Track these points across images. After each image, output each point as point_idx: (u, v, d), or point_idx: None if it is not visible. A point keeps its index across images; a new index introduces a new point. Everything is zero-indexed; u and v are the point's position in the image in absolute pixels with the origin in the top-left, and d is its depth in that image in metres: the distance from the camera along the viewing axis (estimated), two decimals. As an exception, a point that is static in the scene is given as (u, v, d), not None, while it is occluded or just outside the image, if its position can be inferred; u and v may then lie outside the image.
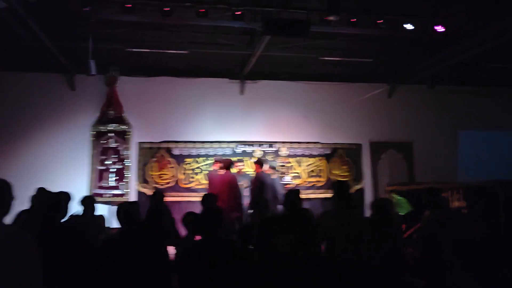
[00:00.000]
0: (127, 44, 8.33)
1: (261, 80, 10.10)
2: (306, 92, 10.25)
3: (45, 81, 9.39)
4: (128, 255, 3.29)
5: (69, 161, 9.11)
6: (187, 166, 9.55)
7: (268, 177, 7.92)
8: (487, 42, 7.64)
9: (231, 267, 3.31)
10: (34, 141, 9.21)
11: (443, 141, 10.55)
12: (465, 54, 8.22)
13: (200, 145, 9.66)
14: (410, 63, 9.39)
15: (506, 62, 9.19)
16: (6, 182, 2.58)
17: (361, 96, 10.14)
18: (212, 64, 9.56)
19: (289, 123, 10.17)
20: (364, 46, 8.70)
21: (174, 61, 9.31)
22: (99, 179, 9.16)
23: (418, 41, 8.12)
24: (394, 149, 10.52)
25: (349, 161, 10.19)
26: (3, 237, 2.39)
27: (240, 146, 9.80)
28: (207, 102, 9.91)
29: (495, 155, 10.18)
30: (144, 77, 9.72)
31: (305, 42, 8.05)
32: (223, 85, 10.01)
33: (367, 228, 4.85)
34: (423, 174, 9.86)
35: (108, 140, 9.34)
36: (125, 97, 9.47)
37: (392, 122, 10.49)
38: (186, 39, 8.26)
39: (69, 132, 9.29)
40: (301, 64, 9.48)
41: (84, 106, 9.42)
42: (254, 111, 10.03)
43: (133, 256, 3.29)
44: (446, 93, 10.51)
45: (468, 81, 10.48)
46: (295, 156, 10.01)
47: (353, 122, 10.38)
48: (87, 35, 7.57)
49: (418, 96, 10.51)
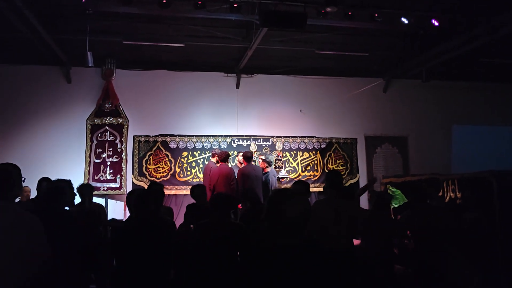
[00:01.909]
0: (124, 36, 8.33)
1: (257, 74, 10.14)
2: (302, 86, 10.29)
3: (41, 74, 9.37)
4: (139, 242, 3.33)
5: (65, 154, 9.10)
6: (183, 159, 9.57)
7: (254, 170, 8.01)
8: (482, 37, 7.70)
9: (237, 247, 3.53)
10: (30, 134, 9.19)
11: (437, 135, 10.66)
12: (460, 48, 8.29)
13: (196, 138, 9.67)
14: (406, 57, 9.45)
15: (501, 57, 9.28)
16: (14, 165, 2.65)
17: (357, 90, 10.20)
18: (209, 58, 9.58)
19: (285, 117, 10.22)
20: (360, 40, 8.75)
21: (170, 55, 9.31)
22: (95, 172, 9.15)
23: (414, 36, 8.18)
24: (389, 143, 10.61)
25: (344, 155, 10.24)
26: (13, 218, 2.44)
27: (235, 140, 9.82)
28: (203, 96, 9.94)
29: (489, 149, 10.28)
30: (140, 70, 9.73)
31: (301, 36, 8.08)
32: (219, 79, 10.04)
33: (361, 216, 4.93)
34: (418, 167, 9.94)
35: (104, 133, 9.33)
36: (121, 90, 9.47)
37: (387, 116, 10.58)
38: (183, 32, 8.27)
39: (65, 125, 9.28)
40: (297, 58, 9.52)
41: (80, 99, 9.41)
42: (250, 105, 10.07)
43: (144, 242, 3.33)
44: (440, 88, 10.61)
45: (463, 76, 10.57)
46: (291, 150, 10.05)
47: (348, 116, 10.45)
48: (84, 27, 7.54)
49: (413, 91, 10.60)
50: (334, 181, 4.67)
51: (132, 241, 3.31)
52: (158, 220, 3.58)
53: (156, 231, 3.44)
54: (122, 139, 9.37)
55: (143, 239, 3.32)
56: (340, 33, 8.21)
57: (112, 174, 9.21)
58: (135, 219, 3.51)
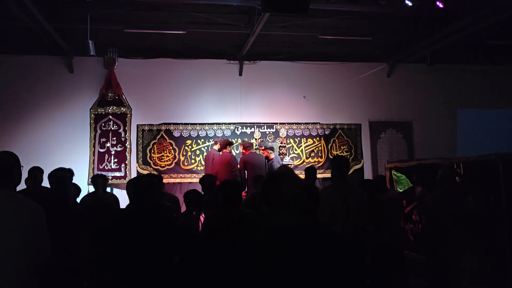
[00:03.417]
0: (125, 25, 8.27)
1: (260, 60, 10.07)
2: (305, 72, 10.22)
3: (43, 64, 9.35)
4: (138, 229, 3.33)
5: (69, 144, 9.12)
6: (187, 148, 9.57)
7: (257, 157, 8.15)
8: (488, 18, 7.58)
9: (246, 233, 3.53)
10: (33, 124, 9.20)
11: (442, 119, 10.57)
12: (465, 31, 8.17)
13: (200, 126, 9.66)
14: (410, 41, 9.34)
15: (506, 39, 9.15)
16: (12, 153, 2.64)
17: (360, 75, 10.11)
18: (211, 45, 9.52)
19: (288, 104, 10.16)
20: (364, 24, 8.67)
21: (172, 43, 9.26)
22: (99, 161, 9.17)
23: (418, 18, 8.08)
24: (393, 129, 10.54)
25: (348, 141, 10.20)
26: (15, 206, 2.45)
27: (239, 128, 9.80)
28: (206, 84, 9.89)
29: (494, 133, 10.19)
30: (142, 58, 9.69)
31: (304, 21, 8.01)
32: (221, 66, 9.98)
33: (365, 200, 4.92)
34: (423, 152, 9.87)
35: (108, 123, 9.33)
36: (123, 79, 9.44)
37: (391, 101, 10.50)
38: (184, 19, 8.21)
39: (69, 114, 9.28)
40: (300, 43, 9.43)
41: (82, 89, 9.39)
42: (253, 92, 10.01)
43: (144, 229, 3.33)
44: (445, 72, 10.50)
45: (468, 59, 10.45)
46: (295, 136, 10.02)
47: (352, 102, 10.38)
48: (85, 16, 7.50)
49: (418, 75, 10.50)
50: (340, 166, 4.65)
51: (132, 228, 3.32)
52: (157, 206, 3.58)
53: (156, 217, 3.45)
54: (125, 128, 9.37)
55: (143, 225, 3.33)
56: (344, 17, 8.12)
57: (116, 163, 9.23)
58: (134, 206, 3.51)
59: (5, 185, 2.53)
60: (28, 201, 2.56)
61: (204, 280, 3.39)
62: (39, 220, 2.50)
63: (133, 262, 3.28)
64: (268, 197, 1.79)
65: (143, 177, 4.21)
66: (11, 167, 2.57)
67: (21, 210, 2.46)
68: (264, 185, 1.85)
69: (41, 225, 2.51)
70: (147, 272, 3.21)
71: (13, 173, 2.57)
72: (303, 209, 1.78)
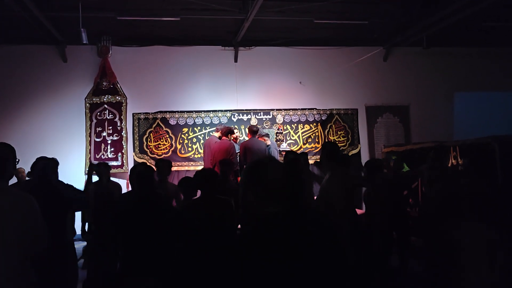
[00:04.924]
0: (118, 12, 8.15)
1: (255, 46, 9.99)
2: (301, 58, 10.15)
3: (36, 53, 9.26)
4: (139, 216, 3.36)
5: (65, 134, 9.07)
6: (184, 135, 9.54)
7: (257, 144, 8.10)
8: (484, 0, 7.51)
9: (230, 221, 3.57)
10: (28, 115, 9.14)
11: (439, 103, 10.55)
12: (461, 12, 8.08)
13: (196, 114, 9.62)
14: (406, 24, 9.25)
15: (503, 21, 9.08)
16: (8, 145, 2.61)
17: (357, 60, 10.05)
18: (205, 32, 9.42)
19: (285, 90, 10.11)
20: (359, 8, 8.56)
21: (166, 30, 9.16)
22: (96, 151, 9.14)
23: (414, 1, 7.99)
24: (390, 113, 10.53)
25: (345, 126, 10.20)
26: (9, 198, 2.43)
27: (236, 115, 9.76)
28: (201, 71, 9.82)
29: (491, 116, 10.19)
30: (136, 46, 9.60)
31: (299, 5, 7.91)
32: (216, 53, 9.90)
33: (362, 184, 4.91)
34: (420, 136, 9.87)
35: (103, 112, 9.28)
36: (118, 68, 9.36)
37: (388, 85, 10.46)
38: (178, 6, 8.09)
39: (64, 104, 9.22)
40: (296, 28, 9.34)
41: (77, 78, 9.31)
42: (249, 78, 9.96)
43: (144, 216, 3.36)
44: (442, 55, 10.45)
45: (465, 42, 10.39)
46: (291, 122, 10.00)
47: (349, 86, 10.34)
48: (77, 4, 7.39)
49: (414, 59, 10.45)
50: (331, 153, 4.55)
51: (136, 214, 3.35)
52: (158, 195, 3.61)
53: (158, 204, 3.47)
54: (121, 117, 9.33)
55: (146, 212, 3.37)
56: (339, 1, 8.00)
57: (113, 152, 9.20)
58: (137, 192, 3.54)
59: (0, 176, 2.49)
60: (19, 192, 2.53)
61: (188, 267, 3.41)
62: (31, 209, 2.47)
63: (136, 247, 3.33)
64: (253, 184, 1.78)
65: (145, 165, 4.28)
66: (7, 159, 2.53)
67: (12, 202, 2.44)
68: (247, 173, 1.83)
69: (34, 214, 2.48)
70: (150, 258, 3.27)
71: (8, 165, 2.53)
72: (290, 193, 1.76)
